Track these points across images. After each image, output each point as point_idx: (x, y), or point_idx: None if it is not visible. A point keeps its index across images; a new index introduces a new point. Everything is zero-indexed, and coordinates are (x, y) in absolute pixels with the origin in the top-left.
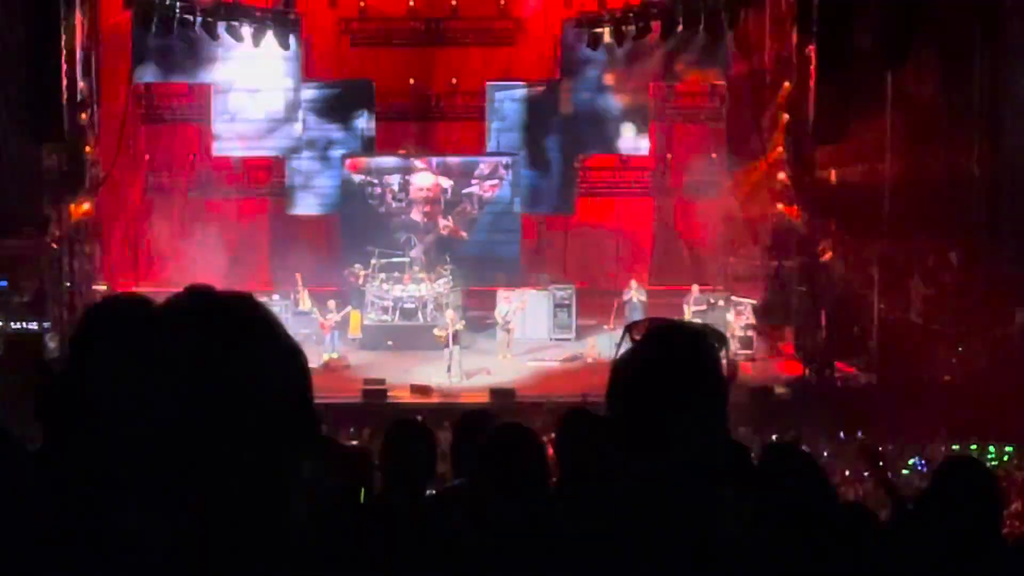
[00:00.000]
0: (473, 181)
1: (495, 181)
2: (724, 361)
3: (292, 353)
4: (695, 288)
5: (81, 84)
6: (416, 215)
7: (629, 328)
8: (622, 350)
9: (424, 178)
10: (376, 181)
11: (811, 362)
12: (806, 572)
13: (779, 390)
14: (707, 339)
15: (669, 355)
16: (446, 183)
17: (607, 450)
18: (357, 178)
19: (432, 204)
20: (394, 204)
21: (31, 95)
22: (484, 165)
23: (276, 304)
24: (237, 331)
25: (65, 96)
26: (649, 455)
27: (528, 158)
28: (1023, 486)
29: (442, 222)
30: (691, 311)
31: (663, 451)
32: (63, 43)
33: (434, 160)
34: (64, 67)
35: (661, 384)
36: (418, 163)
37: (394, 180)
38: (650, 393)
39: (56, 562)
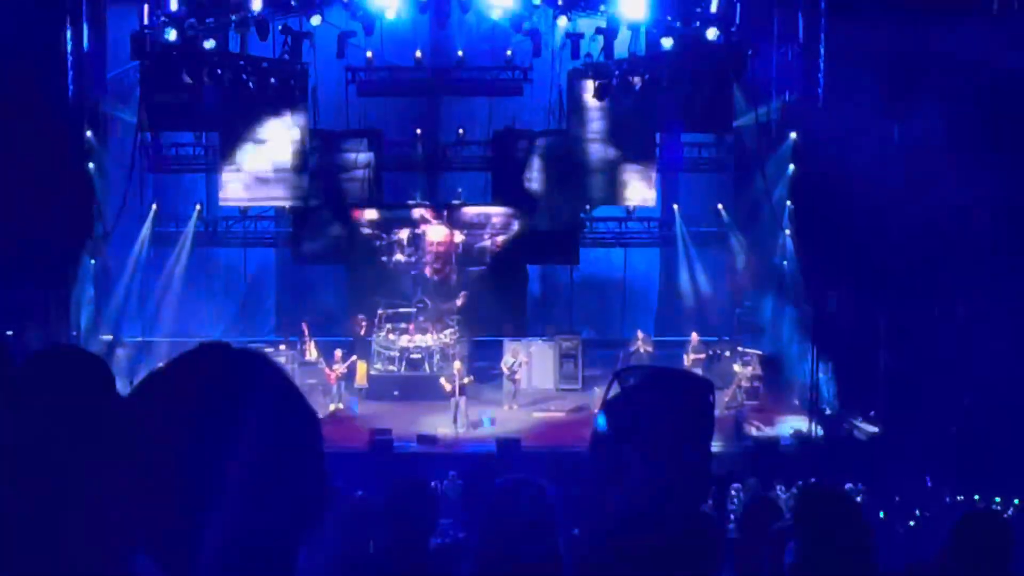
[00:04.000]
0: (486, 234)
1: (506, 234)
2: (711, 405)
3: (305, 416)
4: (694, 336)
5: (88, 133)
6: (428, 270)
7: (618, 374)
8: (610, 395)
9: (437, 231)
10: (384, 233)
11: (818, 414)
12: None
13: (786, 442)
14: (694, 386)
15: (656, 401)
16: (459, 237)
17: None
18: (365, 229)
19: (445, 259)
20: (403, 258)
21: (38, 144)
22: (496, 217)
23: (282, 354)
24: (251, 391)
25: (73, 146)
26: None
27: (535, 208)
28: None
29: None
30: (691, 359)
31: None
32: (70, 93)
33: (445, 212)
34: (71, 116)
35: (649, 429)
36: (428, 215)
37: (403, 232)
38: (638, 437)
39: None
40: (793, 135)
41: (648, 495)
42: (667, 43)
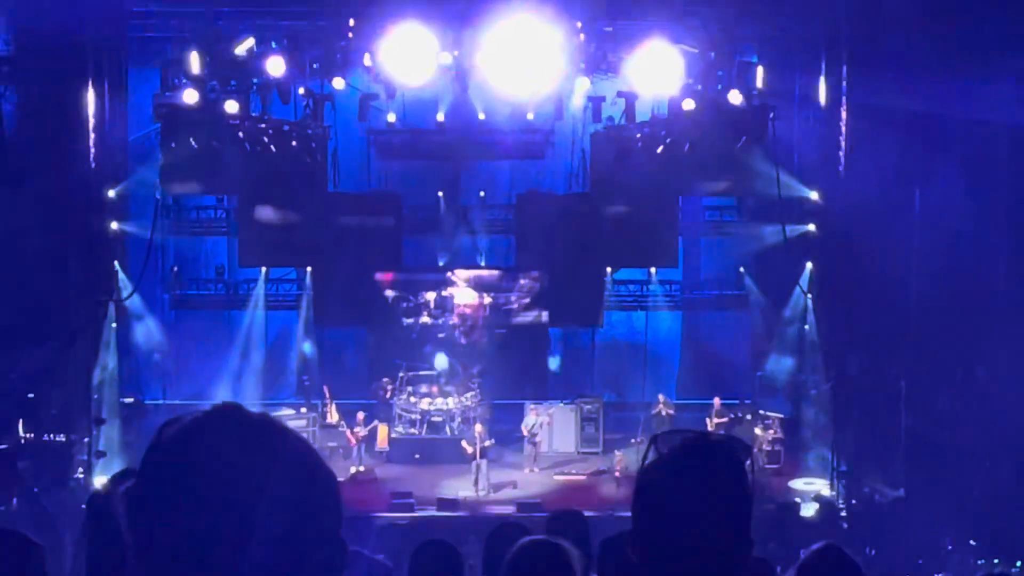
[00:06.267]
0: (508, 297)
1: (528, 297)
2: (749, 471)
3: (321, 478)
4: (717, 401)
5: (111, 194)
6: (457, 333)
7: (655, 439)
8: (648, 461)
9: (465, 294)
10: (411, 296)
11: (839, 477)
12: None
13: (806, 505)
14: (733, 451)
15: (695, 467)
16: (487, 300)
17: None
18: (388, 292)
19: (473, 321)
20: (430, 320)
21: (60, 207)
22: (518, 280)
23: (303, 417)
24: (267, 452)
25: (94, 208)
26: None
27: (557, 271)
28: None
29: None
30: (713, 423)
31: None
32: (91, 155)
33: (472, 276)
34: (93, 179)
35: (687, 496)
36: (455, 278)
37: (430, 294)
38: (676, 505)
39: None
40: (814, 196)
41: (684, 560)
42: (688, 106)
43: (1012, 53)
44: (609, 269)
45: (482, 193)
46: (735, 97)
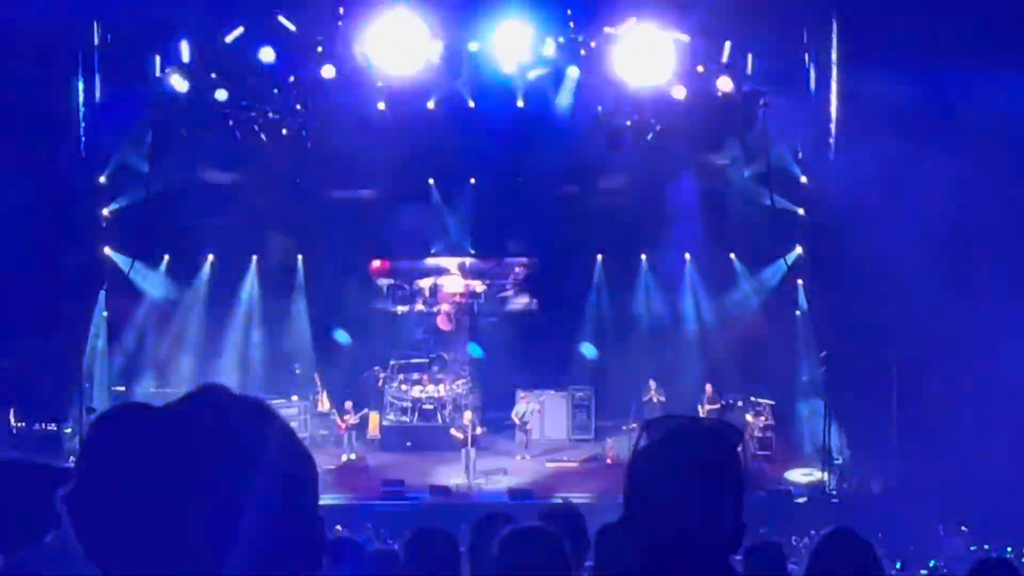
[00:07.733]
0: (499, 284)
1: (520, 284)
2: (740, 455)
3: (303, 457)
4: (709, 387)
5: (102, 180)
6: (443, 319)
7: (647, 424)
8: (639, 446)
9: (455, 282)
10: (405, 284)
11: (831, 463)
12: None
13: (799, 492)
14: (725, 436)
15: (687, 452)
16: (479, 287)
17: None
18: (381, 280)
19: (464, 309)
20: (424, 308)
21: (52, 194)
22: (510, 267)
23: (295, 405)
24: (251, 431)
25: (86, 195)
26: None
27: (547, 258)
28: None
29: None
30: (706, 410)
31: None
32: (83, 143)
33: (463, 263)
34: (85, 166)
35: (679, 481)
36: (447, 265)
37: (425, 282)
38: (668, 490)
39: None
40: (804, 180)
41: (676, 546)
42: (678, 93)
43: (1002, 38)
44: (600, 256)
45: (473, 180)
46: (725, 84)
